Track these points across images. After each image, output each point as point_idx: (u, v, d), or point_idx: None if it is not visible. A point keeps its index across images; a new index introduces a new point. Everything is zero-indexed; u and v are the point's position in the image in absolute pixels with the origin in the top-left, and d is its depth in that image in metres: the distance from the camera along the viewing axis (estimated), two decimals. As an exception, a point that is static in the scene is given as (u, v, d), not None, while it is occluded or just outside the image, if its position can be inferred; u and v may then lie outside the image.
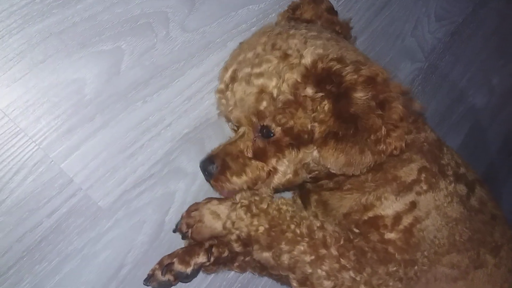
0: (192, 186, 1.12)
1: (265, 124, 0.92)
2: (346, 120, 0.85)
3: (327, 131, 0.87)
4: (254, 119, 0.92)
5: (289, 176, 0.96)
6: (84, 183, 0.95)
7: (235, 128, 1.03)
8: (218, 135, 1.14)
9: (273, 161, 0.95)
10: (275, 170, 0.96)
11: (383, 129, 0.85)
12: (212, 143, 1.14)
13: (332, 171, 0.92)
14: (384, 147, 0.86)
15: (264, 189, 0.98)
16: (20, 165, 0.88)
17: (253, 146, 0.96)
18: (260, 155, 0.95)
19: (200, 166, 1.01)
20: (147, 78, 1.02)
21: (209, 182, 1.01)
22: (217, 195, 1.05)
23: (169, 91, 1.06)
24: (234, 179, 0.96)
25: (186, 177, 1.11)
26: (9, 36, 0.85)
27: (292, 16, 1.12)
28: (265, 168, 0.96)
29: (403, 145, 0.88)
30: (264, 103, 0.89)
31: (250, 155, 0.96)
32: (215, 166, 0.97)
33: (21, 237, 0.89)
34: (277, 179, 0.97)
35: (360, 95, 0.84)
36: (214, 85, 1.10)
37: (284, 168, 0.96)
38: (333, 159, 0.87)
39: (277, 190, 1.01)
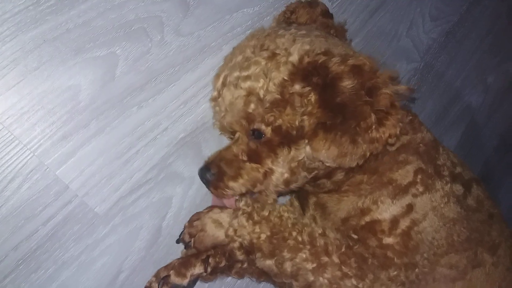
0: (189, 190, 1.12)
1: (255, 127, 0.91)
2: (333, 109, 0.84)
3: (315, 123, 0.86)
4: (244, 123, 0.92)
5: (286, 175, 0.94)
6: (80, 190, 0.95)
7: (232, 136, 1.02)
8: (215, 139, 1.14)
9: (268, 162, 0.93)
10: (271, 170, 0.94)
11: (373, 116, 0.83)
12: (209, 147, 1.14)
13: (327, 164, 0.90)
14: (378, 135, 0.84)
15: (268, 192, 0.97)
16: (15, 173, 0.87)
17: (247, 149, 0.95)
18: (254, 157, 0.94)
19: (198, 175, 1.01)
20: (142, 83, 1.02)
21: (210, 190, 1.00)
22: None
23: (165, 96, 1.05)
24: (231, 183, 0.95)
25: (183, 181, 1.11)
26: (3, 44, 0.84)
27: (287, 20, 1.12)
28: (260, 170, 0.94)
29: (398, 132, 0.86)
30: (252, 106, 0.89)
31: (245, 158, 0.95)
32: (212, 173, 0.97)
33: (17, 246, 0.89)
34: (275, 179, 0.95)
35: (346, 83, 0.84)
36: (210, 89, 1.10)
37: (279, 167, 0.94)
38: (324, 151, 0.85)
39: (280, 193, 1.00)
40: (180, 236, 1.05)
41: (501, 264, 1.02)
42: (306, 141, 0.89)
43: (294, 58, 0.88)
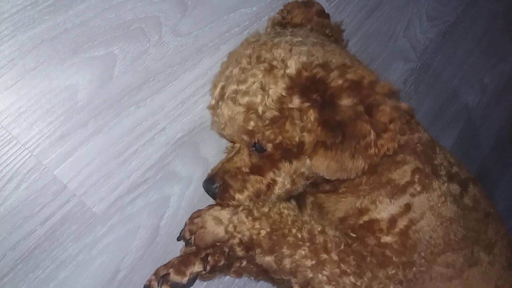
0: (187, 190, 1.12)
1: (256, 140, 0.92)
2: (333, 128, 0.85)
3: (315, 140, 0.87)
4: (245, 137, 0.93)
5: (288, 186, 0.97)
6: (78, 190, 0.95)
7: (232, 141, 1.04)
8: (213, 139, 1.14)
9: (270, 174, 0.96)
10: (274, 182, 0.97)
11: (372, 133, 0.85)
12: (207, 147, 1.14)
13: (326, 178, 0.92)
14: (376, 150, 0.86)
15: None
16: (13, 173, 0.87)
17: (250, 161, 0.97)
18: (257, 169, 0.97)
19: (203, 187, 1.03)
20: (140, 83, 1.02)
21: (216, 202, 1.02)
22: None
23: (163, 95, 1.05)
24: (238, 196, 0.97)
25: (181, 181, 1.11)
26: (1, 44, 0.84)
27: (283, 21, 1.12)
28: (263, 181, 0.97)
29: (396, 145, 0.88)
30: (252, 123, 0.90)
31: (247, 170, 0.97)
32: (217, 186, 0.99)
33: (15, 245, 0.89)
34: (277, 190, 0.97)
35: (345, 102, 0.84)
36: (208, 89, 1.11)
37: (281, 179, 0.96)
38: (324, 167, 0.88)
39: (279, 199, 1.01)
40: (180, 233, 1.06)
41: (497, 263, 1.02)
42: (307, 156, 0.91)
43: (292, 71, 0.88)
